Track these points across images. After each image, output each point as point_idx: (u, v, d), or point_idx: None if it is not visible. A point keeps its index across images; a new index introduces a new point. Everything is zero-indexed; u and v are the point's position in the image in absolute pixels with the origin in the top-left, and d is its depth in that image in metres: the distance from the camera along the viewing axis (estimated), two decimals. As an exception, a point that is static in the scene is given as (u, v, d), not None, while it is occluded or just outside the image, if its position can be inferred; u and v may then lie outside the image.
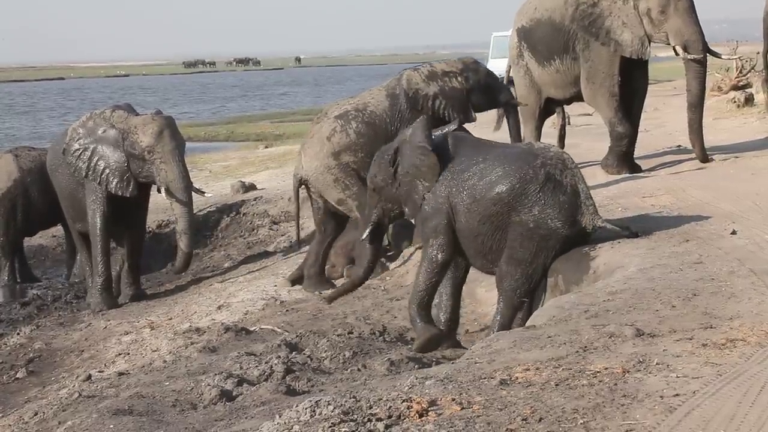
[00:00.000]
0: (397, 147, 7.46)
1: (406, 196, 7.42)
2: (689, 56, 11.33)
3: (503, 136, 11.19)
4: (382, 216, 7.72)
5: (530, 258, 7.21)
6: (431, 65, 10.72)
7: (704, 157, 11.60)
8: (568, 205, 7.15)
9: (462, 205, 7.16)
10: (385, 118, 10.46)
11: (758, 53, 17.25)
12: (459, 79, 10.51)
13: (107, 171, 11.44)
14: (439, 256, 7.28)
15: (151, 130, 11.35)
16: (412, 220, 7.85)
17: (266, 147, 24.14)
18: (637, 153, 12.11)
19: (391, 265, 10.44)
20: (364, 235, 7.76)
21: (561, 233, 7.19)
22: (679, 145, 13.50)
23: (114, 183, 11.45)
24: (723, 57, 13.56)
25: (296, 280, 10.58)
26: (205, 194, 12.90)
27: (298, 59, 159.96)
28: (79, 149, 11.53)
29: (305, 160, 10.55)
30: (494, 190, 7.05)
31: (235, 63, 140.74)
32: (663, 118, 17.87)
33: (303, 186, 10.70)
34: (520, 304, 7.31)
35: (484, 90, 10.68)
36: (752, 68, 20.49)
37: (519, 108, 12.70)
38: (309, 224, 13.08)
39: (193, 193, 11.70)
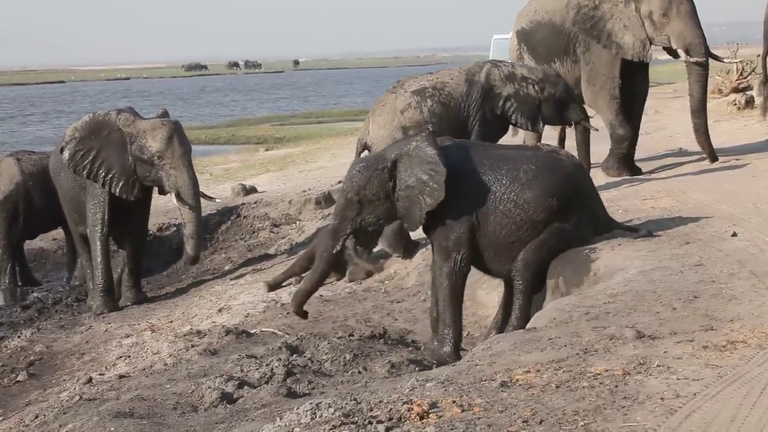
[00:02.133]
0: (394, 160, 7.22)
1: (404, 210, 7.23)
2: (692, 59, 11.37)
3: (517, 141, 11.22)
4: (358, 230, 7.43)
5: (552, 257, 7.44)
6: (513, 66, 10.69)
7: (714, 158, 11.73)
8: (593, 210, 7.55)
9: (498, 214, 7.13)
10: (460, 103, 10.40)
11: (758, 56, 17.24)
12: (536, 87, 10.42)
13: (111, 174, 11.43)
14: (465, 268, 7.27)
15: (160, 135, 11.36)
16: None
17: (267, 150, 24.15)
18: (637, 155, 12.13)
19: (392, 268, 10.44)
20: (336, 248, 7.42)
21: (587, 238, 7.52)
22: (681, 148, 13.51)
23: (119, 186, 11.44)
24: (725, 61, 13.59)
25: (274, 286, 10.56)
26: (216, 200, 13.02)
27: (296, 62, 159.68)
28: (81, 150, 11.51)
29: (372, 128, 10.54)
30: (546, 199, 7.15)
31: (239, 65, 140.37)
32: (663, 120, 17.87)
33: (365, 151, 10.68)
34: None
35: (557, 104, 10.52)
36: (752, 71, 20.48)
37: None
38: (309, 227, 13.09)
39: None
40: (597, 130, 11.09)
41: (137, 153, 11.39)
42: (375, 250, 10.67)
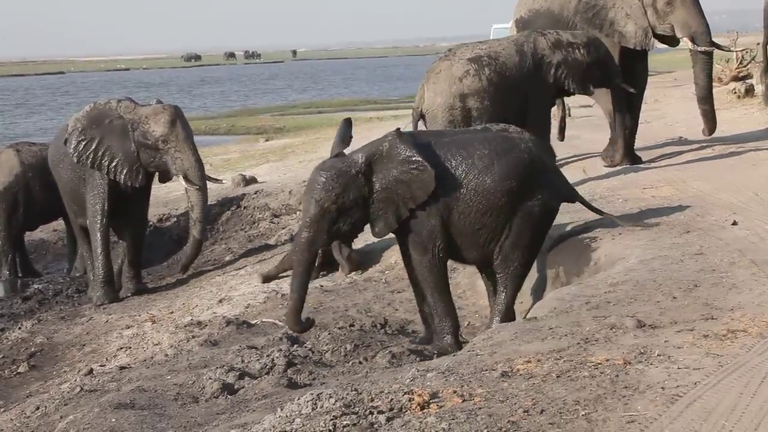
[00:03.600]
0: (368, 163, 6.96)
1: (377, 214, 7.01)
2: (698, 48, 11.41)
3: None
4: (333, 239, 7.28)
5: (536, 241, 7.33)
6: (558, 33, 10.76)
7: (711, 131, 11.97)
8: (554, 181, 7.35)
9: (462, 202, 7.01)
10: (514, 72, 10.48)
11: (758, 44, 17.23)
12: (582, 51, 10.58)
13: (116, 162, 11.44)
14: (444, 258, 7.15)
15: (163, 120, 11.39)
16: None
17: (267, 140, 24.14)
18: (637, 144, 12.13)
19: (392, 259, 10.44)
20: (312, 261, 7.16)
21: (556, 211, 7.41)
22: (681, 137, 13.51)
23: (124, 173, 11.45)
24: (732, 50, 13.65)
25: (268, 278, 10.57)
26: (222, 181, 13.24)
27: (294, 52, 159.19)
28: (84, 140, 11.50)
29: (428, 95, 10.53)
30: (504, 182, 7.02)
31: (235, 56, 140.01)
32: (663, 109, 17.87)
33: (421, 119, 10.71)
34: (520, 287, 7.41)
35: (603, 66, 10.74)
36: (752, 59, 20.47)
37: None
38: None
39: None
40: (634, 91, 11.19)
41: (140, 139, 11.40)
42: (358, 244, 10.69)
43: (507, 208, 7.07)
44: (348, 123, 7.54)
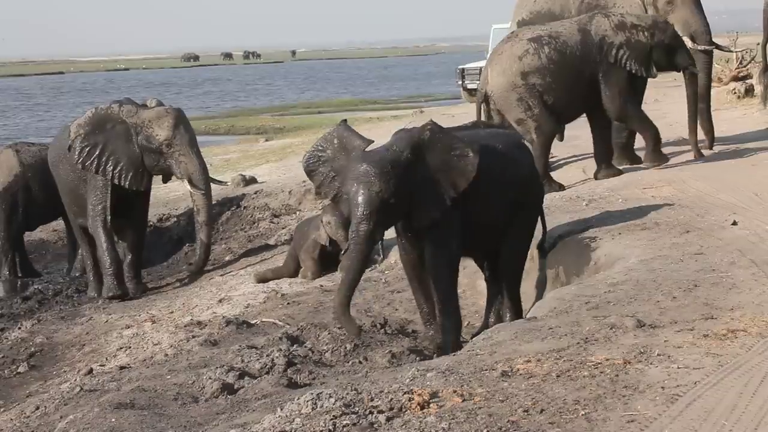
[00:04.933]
0: (413, 152, 6.78)
1: (419, 204, 6.83)
2: (698, 47, 11.45)
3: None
4: (377, 241, 6.97)
5: (530, 238, 7.53)
6: (622, 15, 10.89)
7: (711, 144, 11.93)
8: (536, 176, 7.85)
9: (487, 194, 7.04)
10: (576, 51, 10.66)
11: (758, 44, 17.23)
12: (645, 33, 10.71)
13: (120, 166, 11.44)
14: (458, 256, 7.16)
15: (167, 123, 11.42)
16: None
17: (267, 140, 24.13)
18: (637, 144, 12.12)
19: (392, 258, 10.43)
20: (368, 255, 6.96)
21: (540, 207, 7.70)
22: (681, 137, 13.50)
23: (129, 178, 11.45)
24: (732, 50, 13.67)
25: (263, 280, 10.58)
26: (226, 183, 13.27)
27: (293, 53, 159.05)
28: (87, 146, 11.49)
29: (492, 76, 10.75)
30: (521, 175, 7.29)
31: (232, 56, 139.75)
32: (663, 109, 17.84)
33: (484, 102, 10.92)
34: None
35: (667, 50, 10.86)
36: (752, 59, 20.47)
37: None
38: (309, 217, 13.07)
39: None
40: (700, 74, 11.26)
41: (144, 143, 11.42)
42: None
43: (520, 200, 7.23)
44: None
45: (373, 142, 7.02)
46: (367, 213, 6.68)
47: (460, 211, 6.97)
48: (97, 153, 11.47)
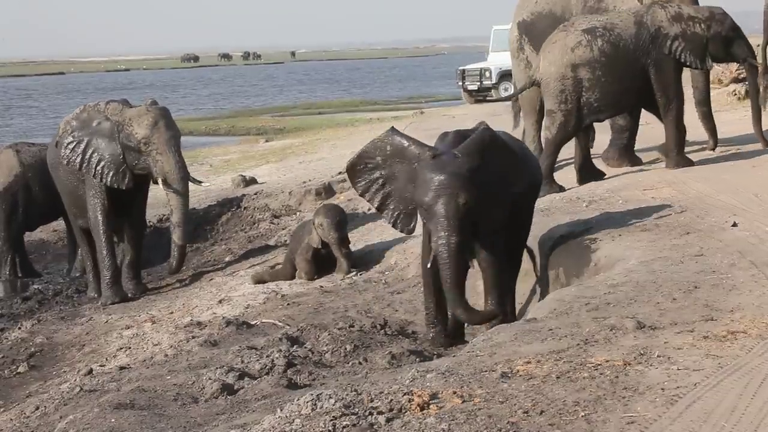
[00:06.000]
0: (481, 156, 6.74)
1: (486, 208, 6.81)
2: None
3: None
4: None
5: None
6: (679, 6, 10.87)
7: (714, 146, 11.94)
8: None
9: (526, 194, 7.34)
10: (629, 44, 10.64)
11: (758, 46, 17.23)
12: (702, 26, 10.71)
13: (102, 164, 11.42)
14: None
15: (146, 122, 11.33)
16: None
17: (267, 141, 24.13)
18: (638, 146, 12.13)
19: (392, 259, 10.44)
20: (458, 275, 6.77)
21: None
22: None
23: (110, 176, 11.41)
24: None
25: (259, 282, 10.58)
26: (203, 184, 12.85)
27: (292, 54, 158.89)
28: (72, 141, 11.51)
29: (544, 64, 10.81)
30: (536, 174, 7.56)
31: (229, 57, 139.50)
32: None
33: (534, 85, 11.07)
34: None
35: (724, 42, 10.87)
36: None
37: (520, 101, 12.73)
38: (309, 218, 13.07)
39: (190, 184, 11.72)
40: (760, 65, 11.31)
41: (125, 141, 11.37)
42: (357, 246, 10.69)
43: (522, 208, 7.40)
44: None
45: (434, 148, 6.90)
46: (456, 225, 6.60)
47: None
48: (81, 149, 11.47)
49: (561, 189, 10.69)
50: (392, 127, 7.37)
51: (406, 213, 7.13)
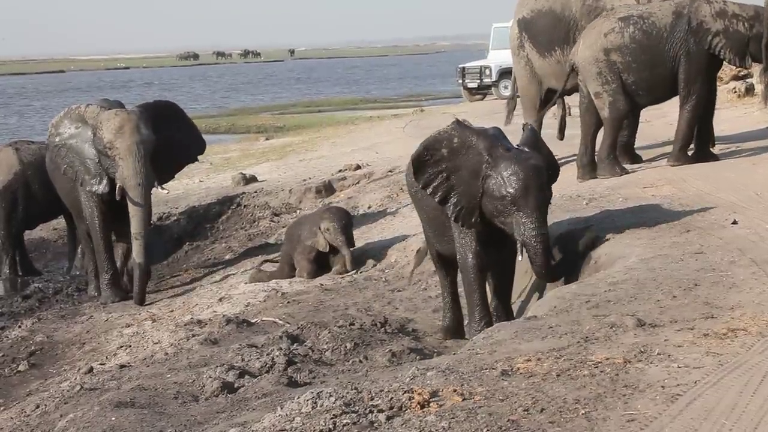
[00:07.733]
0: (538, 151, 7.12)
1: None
2: None
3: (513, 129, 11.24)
4: None
5: None
6: (724, 2, 10.87)
7: (713, 143, 11.89)
8: None
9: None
10: (663, 33, 10.74)
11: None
12: (746, 24, 10.70)
13: (81, 168, 11.29)
14: None
15: (112, 126, 10.97)
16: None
17: (267, 139, 24.13)
18: (637, 144, 12.13)
19: (393, 257, 10.44)
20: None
21: None
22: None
23: (88, 180, 11.28)
24: None
25: (258, 281, 10.57)
26: (164, 190, 11.64)
27: (291, 52, 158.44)
28: (57, 145, 11.43)
29: (581, 48, 11.11)
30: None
31: (225, 55, 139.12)
32: (664, 108, 17.81)
33: (572, 71, 11.29)
34: None
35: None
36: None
37: (521, 100, 12.75)
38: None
39: (190, 184, 11.59)
40: None
41: (97, 145, 11.14)
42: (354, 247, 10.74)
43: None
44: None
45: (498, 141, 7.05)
46: (545, 217, 6.91)
47: None
48: (64, 154, 11.38)
49: (624, 171, 10.97)
50: (457, 119, 7.35)
51: (469, 207, 7.06)
